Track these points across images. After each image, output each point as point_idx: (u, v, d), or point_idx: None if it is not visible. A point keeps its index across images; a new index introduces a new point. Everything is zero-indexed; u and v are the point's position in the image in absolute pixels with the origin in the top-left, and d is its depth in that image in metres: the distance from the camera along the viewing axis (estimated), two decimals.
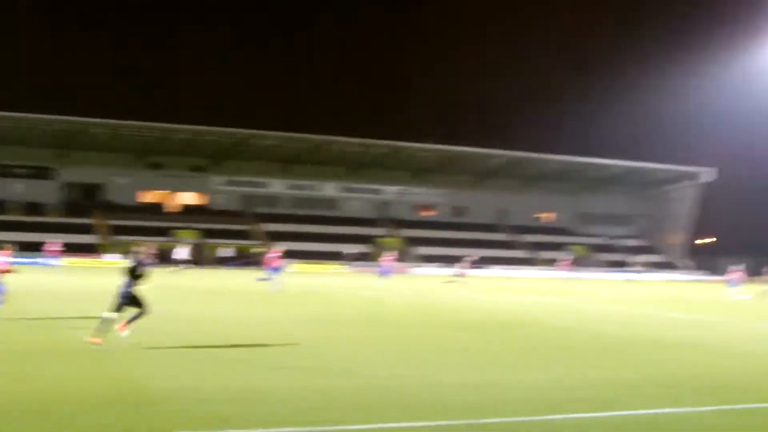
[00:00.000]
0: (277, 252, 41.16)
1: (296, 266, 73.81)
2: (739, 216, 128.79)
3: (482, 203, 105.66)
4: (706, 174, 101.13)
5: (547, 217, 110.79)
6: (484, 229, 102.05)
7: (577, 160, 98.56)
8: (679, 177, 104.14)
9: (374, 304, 32.29)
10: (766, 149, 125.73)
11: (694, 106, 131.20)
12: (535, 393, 12.62)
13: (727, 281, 50.02)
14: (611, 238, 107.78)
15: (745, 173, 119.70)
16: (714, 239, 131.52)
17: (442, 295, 40.56)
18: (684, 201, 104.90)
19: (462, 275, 50.57)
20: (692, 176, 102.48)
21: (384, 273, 51.15)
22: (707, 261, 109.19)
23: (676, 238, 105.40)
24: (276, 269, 39.81)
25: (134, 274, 16.19)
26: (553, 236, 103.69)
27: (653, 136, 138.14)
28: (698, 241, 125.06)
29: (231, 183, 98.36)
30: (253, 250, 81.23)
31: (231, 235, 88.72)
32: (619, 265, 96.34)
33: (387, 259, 52.92)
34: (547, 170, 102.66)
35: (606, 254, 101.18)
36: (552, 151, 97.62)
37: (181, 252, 63.82)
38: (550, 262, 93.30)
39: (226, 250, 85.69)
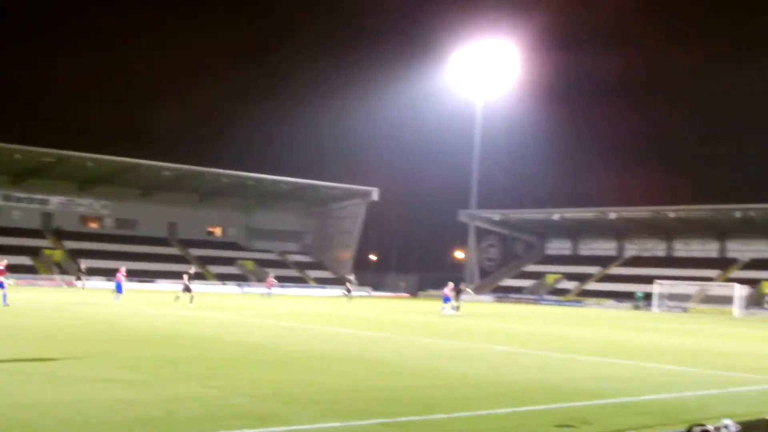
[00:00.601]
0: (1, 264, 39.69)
1: None
2: (399, 234, 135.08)
3: (152, 216, 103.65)
4: (374, 193, 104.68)
5: (218, 231, 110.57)
6: (154, 242, 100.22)
7: (248, 176, 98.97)
8: (349, 195, 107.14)
9: (117, 322, 30.92)
10: (426, 172, 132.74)
11: (362, 127, 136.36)
12: (195, 408, 12.37)
13: (443, 296, 51.84)
14: (282, 253, 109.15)
15: (404, 194, 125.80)
16: (376, 257, 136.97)
17: (174, 312, 39.51)
18: (352, 219, 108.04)
19: (188, 290, 48.97)
20: (363, 195, 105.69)
21: (118, 289, 49.58)
22: (372, 277, 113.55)
23: (345, 255, 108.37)
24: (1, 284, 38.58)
25: None
26: (223, 251, 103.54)
27: (324, 154, 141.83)
28: (370, 258, 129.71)
29: None
30: None
31: None
32: (293, 280, 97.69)
33: (121, 273, 51.14)
34: (219, 185, 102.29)
35: (276, 270, 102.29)
36: (224, 166, 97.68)
37: None
38: (220, 277, 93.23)
39: None
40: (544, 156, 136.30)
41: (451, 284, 52.33)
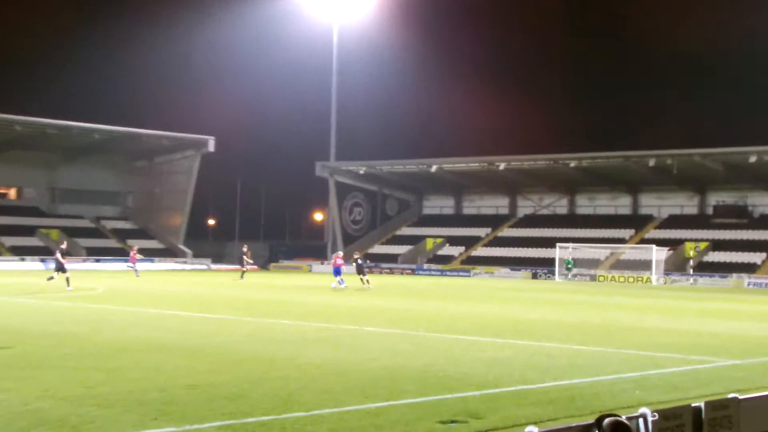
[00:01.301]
0: None
1: None
2: (243, 194, 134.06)
3: None
4: (209, 143, 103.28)
5: (12, 193, 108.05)
6: None
7: (49, 123, 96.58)
8: (179, 146, 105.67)
9: None
10: (274, 116, 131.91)
11: (195, 63, 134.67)
12: None
13: (333, 268, 55.40)
14: (96, 219, 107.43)
15: (248, 144, 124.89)
16: (215, 222, 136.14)
17: None
18: (184, 175, 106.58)
19: (62, 269, 47.55)
20: (196, 145, 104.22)
21: None
22: (211, 247, 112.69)
23: (176, 219, 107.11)
24: None
25: None
26: (20, 218, 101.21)
27: (147, 97, 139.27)
28: (208, 223, 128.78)
29: None
30: None
31: None
32: (111, 252, 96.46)
33: None
34: (11, 135, 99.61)
35: (90, 240, 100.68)
36: (17, 112, 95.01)
37: None
38: (18, 251, 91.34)
39: None
40: (418, 96, 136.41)
41: (340, 253, 57.20)
